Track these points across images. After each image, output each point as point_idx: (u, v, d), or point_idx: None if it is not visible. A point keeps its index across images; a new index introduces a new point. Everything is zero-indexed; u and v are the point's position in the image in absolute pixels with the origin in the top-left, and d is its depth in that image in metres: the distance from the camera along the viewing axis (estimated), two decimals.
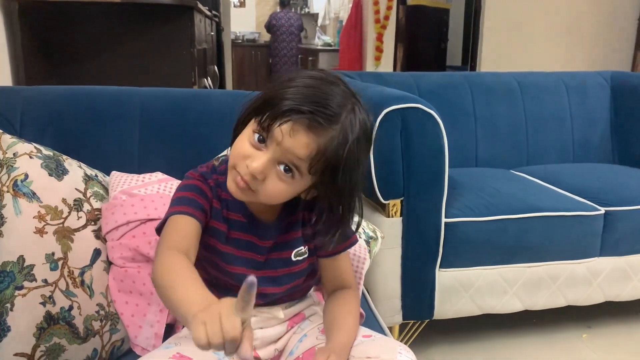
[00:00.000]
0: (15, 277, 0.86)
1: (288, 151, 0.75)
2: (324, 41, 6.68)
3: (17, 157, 0.92)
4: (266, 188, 0.77)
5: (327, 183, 0.78)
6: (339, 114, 0.75)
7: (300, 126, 0.74)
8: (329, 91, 0.76)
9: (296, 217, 0.89)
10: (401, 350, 0.82)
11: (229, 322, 0.60)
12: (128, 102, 1.24)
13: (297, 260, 0.90)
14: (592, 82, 2.33)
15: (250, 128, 0.78)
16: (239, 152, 0.78)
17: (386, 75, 2.23)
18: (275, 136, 0.74)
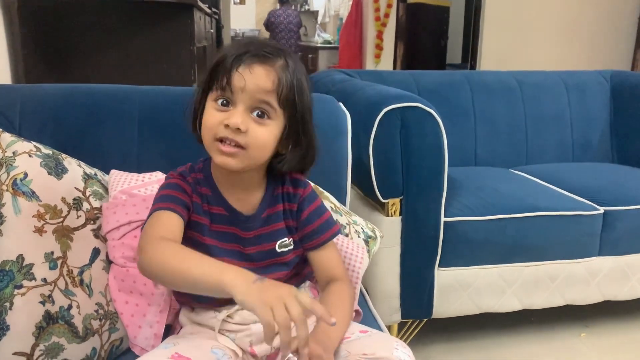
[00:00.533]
0: (14, 276, 0.86)
1: (255, 90, 0.80)
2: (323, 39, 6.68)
3: (16, 156, 0.92)
4: (253, 138, 0.81)
5: (292, 113, 0.83)
6: (278, 47, 0.84)
7: (253, 62, 0.80)
8: (261, 39, 0.86)
9: (276, 209, 0.92)
10: (397, 346, 0.83)
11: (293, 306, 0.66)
12: (127, 101, 1.24)
13: (281, 251, 0.92)
14: (592, 81, 2.33)
15: (210, 101, 0.83)
16: (212, 122, 0.82)
17: (385, 73, 2.23)
18: (237, 84, 0.80)
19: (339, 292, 0.93)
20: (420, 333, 1.68)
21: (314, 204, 0.95)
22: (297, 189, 0.94)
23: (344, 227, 1.22)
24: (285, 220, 0.93)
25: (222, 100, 0.82)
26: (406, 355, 0.82)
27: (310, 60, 6.44)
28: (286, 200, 0.93)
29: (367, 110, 1.51)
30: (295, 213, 0.94)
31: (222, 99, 0.82)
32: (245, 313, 0.89)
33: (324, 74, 2.10)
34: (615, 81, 2.34)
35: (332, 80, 1.95)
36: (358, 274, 1.15)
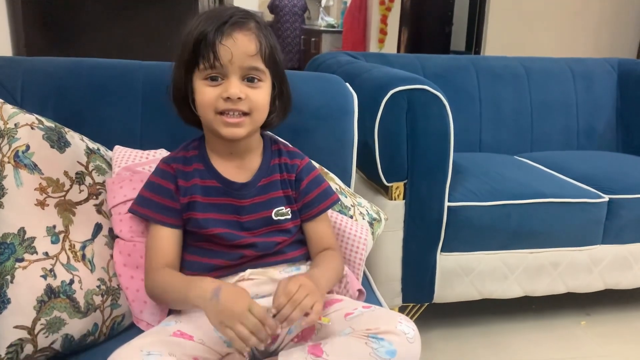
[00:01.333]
0: (15, 249, 0.84)
1: (243, 58, 0.83)
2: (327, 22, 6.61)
3: (18, 128, 0.90)
4: (254, 102, 0.85)
5: (274, 67, 0.88)
6: (246, 12, 0.87)
7: (233, 31, 0.83)
8: (222, 7, 0.88)
9: (273, 177, 0.95)
10: (401, 319, 0.82)
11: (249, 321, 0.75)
12: (131, 76, 1.22)
13: (278, 219, 0.94)
14: (599, 69, 2.31)
15: (198, 80, 0.85)
16: (209, 99, 0.85)
17: (391, 56, 2.20)
18: (224, 56, 0.82)
19: (330, 256, 0.96)
20: (421, 317, 1.67)
21: (312, 173, 0.99)
22: (294, 160, 0.98)
23: (348, 208, 1.21)
24: (284, 190, 0.96)
25: (212, 76, 0.85)
26: (410, 329, 0.82)
27: (313, 43, 6.38)
28: (284, 171, 0.96)
29: (373, 92, 1.49)
30: (294, 183, 0.97)
31: (211, 75, 0.84)
32: (246, 284, 0.91)
33: (330, 55, 2.07)
34: (622, 69, 2.32)
35: (337, 61, 1.92)
36: (362, 255, 1.14)
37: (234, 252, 0.91)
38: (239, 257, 0.91)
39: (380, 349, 0.78)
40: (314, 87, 1.34)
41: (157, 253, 0.91)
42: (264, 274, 0.92)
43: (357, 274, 1.11)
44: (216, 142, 0.92)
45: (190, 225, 0.92)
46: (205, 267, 0.92)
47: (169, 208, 0.91)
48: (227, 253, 0.91)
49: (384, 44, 4.64)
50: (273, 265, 0.93)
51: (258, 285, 0.91)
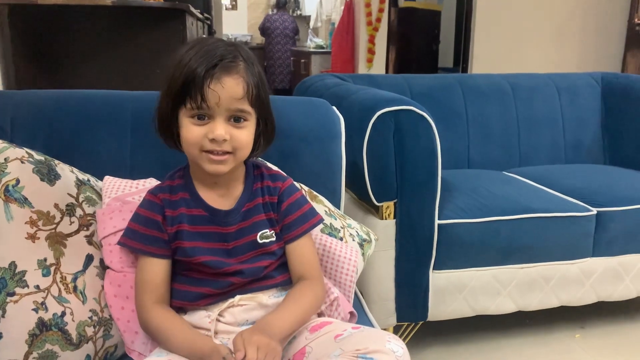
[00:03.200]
0: (7, 283, 0.85)
1: (229, 101, 0.85)
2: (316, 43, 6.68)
3: (8, 162, 0.91)
4: (238, 142, 0.88)
5: (260, 106, 0.90)
6: (234, 51, 0.88)
7: (221, 75, 0.84)
8: (212, 43, 0.88)
9: (256, 202, 0.96)
10: (390, 339, 0.83)
11: None
12: (119, 106, 1.24)
13: (263, 242, 0.95)
14: (583, 84, 2.35)
15: (185, 117, 0.87)
16: (194, 138, 0.87)
17: (378, 77, 2.23)
18: (212, 99, 0.84)
19: (298, 292, 0.95)
20: (416, 336, 1.68)
21: (293, 196, 0.99)
22: (276, 182, 0.99)
23: (338, 230, 1.22)
24: (266, 213, 0.97)
25: (199, 116, 0.86)
26: (399, 347, 0.82)
27: (302, 65, 6.44)
28: (266, 194, 0.98)
29: (361, 113, 1.51)
30: (276, 205, 0.98)
31: (198, 114, 0.86)
32: (236, 311, 0.91)
33: (317, 78, 2.10)
34: (605, 83, 2.36)
35: (325, 84, 1.95)
36: (352, 278, 1.15)
37: (222, 280, 0.92)
38: (228, 285, 0.92)
39: None
40: (302, 111, 1.36)
41: (148, 287, 0.92)
42: (254, 300, 0.92)
43: (348, 296, 1.12)
44: (200, 172, 0.93)
45: (178, 254, 0.93)
46: (194, 295, 0.92)
47: (157, 239, 0.92)
48: (215, 281, 0.92)
49: (372, 64, 4.69)
50: (262, 290, 0.94)
51: (248, 312, 0.92)
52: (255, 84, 0.88)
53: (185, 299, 0.93)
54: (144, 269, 0.93)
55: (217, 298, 0.92)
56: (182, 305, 0.94)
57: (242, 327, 0.90)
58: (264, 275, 0.94)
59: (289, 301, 0.92)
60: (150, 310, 0.90)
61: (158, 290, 0.92)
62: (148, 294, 0.91)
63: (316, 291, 0.97)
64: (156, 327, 0.89)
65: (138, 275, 0.93)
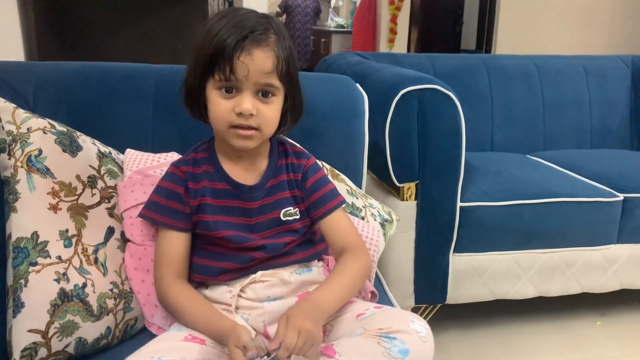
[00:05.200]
0: (29, 253, 0.85)
1: (258, 75, 0.83)
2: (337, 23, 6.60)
3: (31, 132, 0.91)
4: (264, 118, 0.86)
5: (288, 81, 0.88)
6: (265, 23, 0.85)
7: (251, 47, 0.82)
8: (243, 13, 0.86)
9: (280, 178, 0.95)
10: (414, 319, 0.82)
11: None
12: (142, 79, 1.23)
13: (286, 220, 0.94)
14: (612, 66, 2.29)
15: (212, 90, 0.86)
16: (222, 112, 0.85)
17: (401, 56, 2.19)
18: (241, 72, 0.82)
19: (343, 264, 0.93)
20: (434, 318, 1.66)
21: (318, 174, 0.98)
22: (300, 160, 0.98)
23: (360, 209, 1.21)
24: (291, 190, 0.96)
25: (227, 88, 0.85)
26: (423, 327, 0.81)
27: (323, 44, 6.37)
28: (290, 171, 0.96)
29: (384, 92, 1.48)
30: (300, 183, 0.96)
31: (226, 87, 0.85)
32: (257, 287, 0.90)
33: (339, 56, 2.07)
34: (636, 66, 2.29)
35: (347, 62, 1.92)
36: (374, 257, 1.14)
37: (244, 255, 0.91)
38: (249, 260, 0.91)
39: (393, 348, 0.78)
40: (325, 88, 1.34)
41: (167, 260, 0.91)
42: (275, 276, 0.91)
43: (369, 276, 1.11)
44: (225, 146, 0.92)
45: (199, 227, 0.92)
46: (215, 270, 0.92)
47: (178, 212, 0.91)
48: (236, 256, 0.91)
49: (393, 44, 4.63)
50: (284, 266, 0.93)
51: (270, 288, 0.91)
52: (285, 58, 0.86)
53: (206, 274, 0.92)
54: (163, 242, 0.92)
55: (238, 273, 0.91)
56: (203, 280, 0.94)
57: (263, 303, 0.89)
58: (286, 252, 0.93)
59: (335, 275, 0.90)
60: (168, 284, 0.90)
61: (177, 265, 0.91)
62: (166, 268, 0.91)
63: (362, 260, 0.94)
64: (174, 302, 0.89)
65: (157, 248, 0.93)
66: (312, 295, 0.86)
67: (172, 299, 0.89)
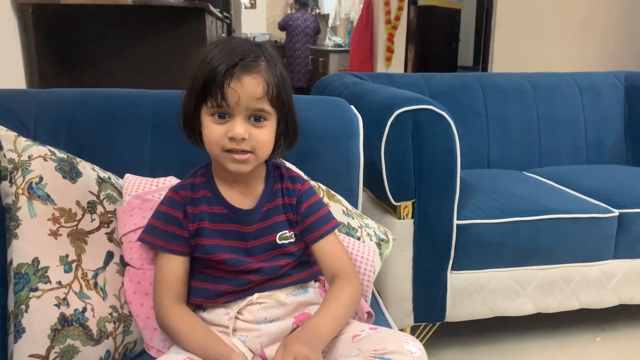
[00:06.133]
0: (30, 278, 0.86)
1: (249, 100, 0.86)
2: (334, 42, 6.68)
3: (31, 160, 0.93)
4: (257, 141, 0.88)
5: (281, 106, 0.90)
6: (257, 50, 0.88)
7: (242, 74, 0.85)
8: (237, 42, 0.89)
9: (276, 202, 0.97)
10: (408, 340, 0.83)
11: None
12: (140, 105, 1.25)
13: (282, 243, 0.95)
14: (606, 83, 2.31)
15: (206, 116, 0.88)
16: (215, 137, 0.88)
17: (397, 76, 2.22)
18: (232, 98, 0.85)
19: (336, 290, 0.94)
20: (433, 337, 1.67)
21: (312, 198, 1.00)
22: (295, 184, 1.00)
23: (355, 230, 1.22)
24: (286, 214, 0.97)
25: (219, 114, 0.87)
26: (417, 348, 0.82)
27: (321, 63, 6.43)
28: (286, 195, 0.98)
29: (379, 112, 1.51)
30: (295, 207, 0.98)
31: (218, 113, 0.87)
32: (254, 309, 0.92)
33: (335, 77, 2.10)
34: (629, 82, 2.32)
35: (343, 83, 1.95)
36: (370, 277, 1.15)
37: (241, 278, 0.92)
38: (246, 283, 0.92)
39: None
40: (320, 110, 1.36)
41: (166, 284, 0.92)
42: (272, 297, 0.93)
43: (365, 297, 1.12)
44: (222, 170, 0.94)
45: (197, 251, 0.93)
46: (212, 293, 0.93)
47: (177, 236, 0.93)
48: (233, 279, 0.92)
49: (391, 62, 4.67)
50: (280, 288, 0.94)
51: (266, 309, 0.92)
52: (275, 84, 0.88)
53: (204, 297, 0.94)
54: (162, 266, 0.93)
55: (235, 296, 0.92)
56: (201, 303, 0.95)
57: (260, 325, 0.91)
58: (282, 274, 0.95)
59: (331, 302, 0.91)
60: (167, 308, 0.91)
61: (176, 288, 0.92)
62: (165, 291, 0.92)
63: (353, 285, 0.95)
64: (173, 326, 0.90)
65: (157, 272, 0.94)
66: (310, 322, 0.87)
67: (170, 323, 0.90)
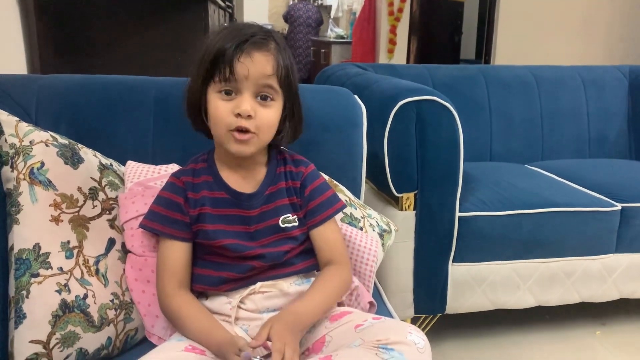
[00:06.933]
0: (31, 264, 0.86)
1: (258, 75, 0.85)
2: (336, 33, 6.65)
3: (33, 145, 0.92)
4: (262, 120, 0.87)
5: (288, 89, 0.90)
6: (267, 32, 0.89)
7: (252, 50, 0.85)
8: (246, 24, 0.90)
9: (279, 186, 0.96)
10: (411, 330, 0.83)
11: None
12: (143, 92, 1.24)
13: (285, 227, 0.95)
14: (610, 77, 2.30)
15: (212, 93, 0.87)
16: (221, 114, 0.87)
17: (400, 67, 2.21)
18: (241, 72, 0.84)
19: (325, 278, 0.94)
20: (434, 328, 1.67)
21: (316, 181, 0.99)
22: (299, 167, 0.99)
23: (358, 220, 1.22)
24: (289, 197, 0.97)
25: (226, 91, 0.86)
26: (420, 339, 0.82)
27: (322, 55, 6.41)
28: (289, 179, 0.98)
29: (382, 103, 1.50)
30: (299, 190, 0.97)
31: (225, 90, 0.86)
32: (257, 298, 0.91)
33: (338, 67, 2.09)
34: (633, 76, 2.31)
35: (346, 73, 1.94)
36: (372, 268, 1.14)
37: (243, 264, 0.92)
38: (249, 269, 0.91)
39: (391, 359, 0.78)
40: (323, 99, 1.35)
41: (168, 270, 0.92)
42: (275, 287, 0.92)
43: (367, 287, 1.12)
44: (225, 154, 0.93)
45: (199, 237, 0.93)
46: (215, 280, 0.92)
47: (178, 221, 0.92)
48: (236, 265, 0.92)
49: (393, 54, 4.65)
50: (283, 277, 0.94)
51: (269, 299, 0.91)
52: (285, 65, 0.88)
53: (207, 284, 0.93)
54: (164, 252, 0.93)
55: (238, 284, 0.92)
56: (203, 290, 0.95)
57: (262, 314, 0.90)
58: (285, 261, 0.94)
59: (316, 288, 0.92)
60: (170, 295, 0.91)
61: (179, 274, 0.92)
62: (168, 278, 0.91)
63: (343, 276, 0.96)
64: (175, 312, 0.89)
65: (159, 258, 0.94)
66: (294, 306, 0.87)
67: (173, 309, 0.90)
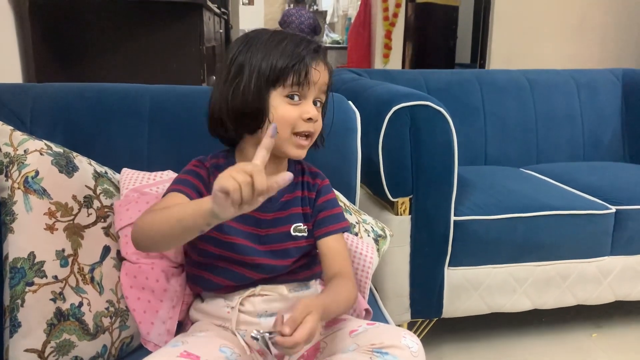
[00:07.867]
0: (25, 273, 0.86)
1: (322, 84, 0.91)
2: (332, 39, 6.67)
3: (27, 154, 0.92)
4: (318, 126, 0.92)
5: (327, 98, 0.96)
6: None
7: (320, 60, 0.90)
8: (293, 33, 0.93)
9: (295, 194, 0.97)
10: (405, 334, 0.83)
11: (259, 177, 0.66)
12: (137, 99, 1.24)
13: (296, 235, 0.95)
14: (603, 80, 2.32)
15: (278, 97, 0.88)
16: (291, 117, 0.88)
17: (395, 72, 2.22)
18: (313, 78, 0.88)
19: (336, 283, 0.92)
20: (431, 333, 1.67)
21: (329, 195, 1.01)
22: (315, 179, 1.01)
23: (353, 226, 1.22)
24: (303, 207, 0.97)
25: (292, 94, 0.88)
26: (414, 343, 0.82)
27: None
28: (305, 189, 0.99)
29: (377, 108, 1.50)
30: (313, 201, 0.99)
31: (295, 94, 0.88)
32: (256, 300, 0.91)
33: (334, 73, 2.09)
34: (626, 80, 2.32)
35: (341, 79, 1.95)
36: (367, 273, 1.15)
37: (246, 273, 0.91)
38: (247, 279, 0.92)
39: None
40: None
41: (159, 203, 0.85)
42: (275, 290, 0.92)
43: (363, 293, 1.12)
44: (249, 156, 0.91)
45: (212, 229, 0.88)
46: (215, 285, 0.92)
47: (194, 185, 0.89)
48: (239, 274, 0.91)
49: (389, 59, 4.67)
50: (284, 282, 0.94)
51: (268, 302, 0.92)
52: (330, 69, 0.94)
53: (206, 287, 0.93)
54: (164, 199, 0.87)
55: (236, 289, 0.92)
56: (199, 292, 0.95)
57: (260, 318, 0.90)
58: (289, 270, 0.94)
59: (336, 286, 0.90)
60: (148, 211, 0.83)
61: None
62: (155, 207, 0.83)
63: (350, 289, 0.93)
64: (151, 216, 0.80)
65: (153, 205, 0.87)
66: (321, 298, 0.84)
67: (150, 213, 0.81)
